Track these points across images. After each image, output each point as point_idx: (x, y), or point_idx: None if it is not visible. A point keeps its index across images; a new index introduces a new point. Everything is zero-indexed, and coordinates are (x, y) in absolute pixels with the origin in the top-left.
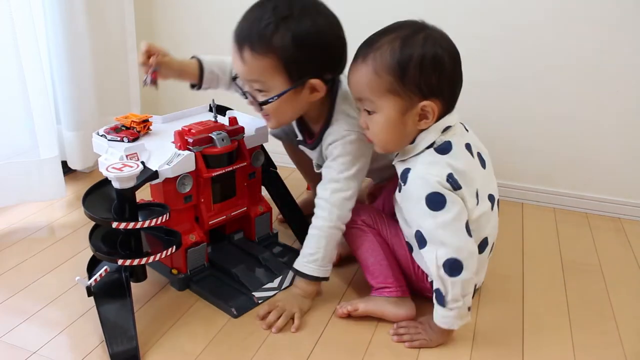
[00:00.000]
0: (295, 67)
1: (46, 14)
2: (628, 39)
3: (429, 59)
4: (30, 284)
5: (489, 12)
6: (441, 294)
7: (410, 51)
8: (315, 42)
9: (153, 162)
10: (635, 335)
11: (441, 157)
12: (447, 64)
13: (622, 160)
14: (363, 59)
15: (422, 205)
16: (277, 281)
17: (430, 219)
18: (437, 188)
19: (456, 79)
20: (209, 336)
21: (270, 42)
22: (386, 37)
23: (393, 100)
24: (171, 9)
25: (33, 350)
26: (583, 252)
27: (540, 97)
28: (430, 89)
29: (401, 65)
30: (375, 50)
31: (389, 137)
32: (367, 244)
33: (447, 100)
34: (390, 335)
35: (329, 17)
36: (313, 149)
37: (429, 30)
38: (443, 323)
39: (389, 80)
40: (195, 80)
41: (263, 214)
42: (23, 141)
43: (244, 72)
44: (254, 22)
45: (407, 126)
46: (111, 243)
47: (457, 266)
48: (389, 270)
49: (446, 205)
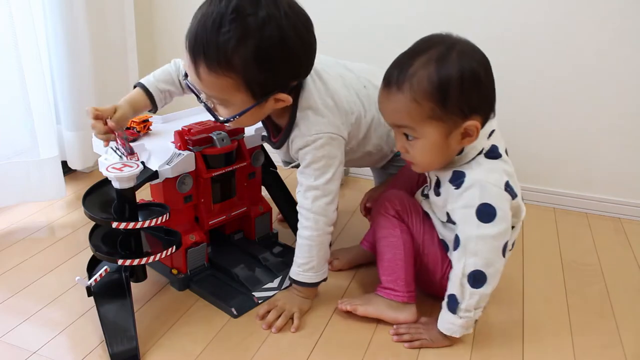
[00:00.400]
0: (259, 86)
1: (46, 13)
2: (628, 39)
3: (467, 79)
4: (30, 284)
5: (488, 12)
6: (456, 300)
7: (447, 73)
8: (281, 54)
9: (153, 162)
10: (635, 336)
11: (495, 162)
12: (484, 78)
13: (622, 160)
14: (398, 88)
15: (471, 212)
16: (277, 281)
17: (474, 227)
18: (492, 200)
19: (493, 89)
20: (209, 336)
21: (229, 61)
22: (418, 61)
23: (435, 126)
24: (171, 9)
25: (33, 350)
26: (583, 252)
27: (540, 97)
28: (471, 108)
29: (441, 90)
30: (411, 78)
31: (433, 159)
32: (390, 238)
33: (487, 112)
34: (391, 334)
35: (296, 16)
36: (278, 148)
37: (459, 46)
38: (447, 329)
39: (430, 106)
40: (150, 107)
41: (263, 214)
42: (23, 141)
43: (200, 86)
44: (211, 28)
45: (450, 147)
46: (111, 243)
47: (481, 279)
48: (402, 272)
49: (494, 220)
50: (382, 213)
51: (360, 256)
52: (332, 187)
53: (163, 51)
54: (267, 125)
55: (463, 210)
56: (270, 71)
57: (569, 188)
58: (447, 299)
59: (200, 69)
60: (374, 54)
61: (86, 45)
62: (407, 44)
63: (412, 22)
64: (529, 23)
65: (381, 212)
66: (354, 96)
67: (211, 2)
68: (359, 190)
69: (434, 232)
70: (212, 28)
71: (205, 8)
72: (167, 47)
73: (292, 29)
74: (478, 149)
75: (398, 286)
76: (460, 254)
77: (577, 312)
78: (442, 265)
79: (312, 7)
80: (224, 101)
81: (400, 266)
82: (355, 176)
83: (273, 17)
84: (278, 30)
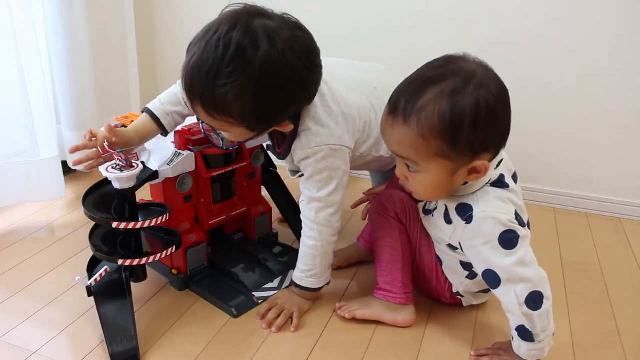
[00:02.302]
0: (259, 125)
1: (46, 13)
2: (629, 39)
3: (482, 117)
4: (30, 284)
5: (488, 15)
6: (527, 330)
7: (460, 111)
8: (281, 98)
9: (153, 162)
10: (635, 335)
11: (502, 192)
12: (500, 113)
13: (622, 160)
14: (404, 120)
15: (495, 245)
16: (277, 281)
17: (505, 258)
18: (509, 226)
19: (508, 122)
20: (209, 336)
21: (227, 110)
22: (430, 93)
23: (441, 164)
24: (171, 9)
25: (33, 350)
26: (583, 252)
27: (540, 97)
28: (483, 146)
29: (452, 129)
30: (419, 112)
31: (433, 194)
32: (388, 239)
33: (499, 148)
34: (472, 355)
35: (293, 53)
36: (283, 159)
37: (477, 78)
38: (531, 356)
39: (438, 145)
40: (160, 132)
41: (263, 214)
42: (23, 141)
43: (199, 116)
44: (207, 76)
45: (454, 183)
46: (111, 243)
47: (539, 298)
48: (399, 274)
49: (519, 241)
50: (381, 214)
51: (357, 254)
52: (336, 198)
53: (163, 51)
54: (273, 135)
55: (486, 247)
56: (270, 114)
57: (569, 188)
58: (516, 332)
59: (197, 108)
60: (376, 54)
61: (86, 45)
62: (407, 43)
63: (410, 21)
64: (529, 25)
65: (380, 213)
66: (364, 100)
67: (207, 43)
68: (359, 190)
69: (431, 240)
70: (207, 76)
71: (200, 49)
72: (167, 47)
73: (291, 69)
74: (485, 181)
75: (395, 288)
76: (506, 287)
77: (577, 312)
78: (436, 272)
79: (312, 7)
80: (224, 131)
81: (397, 268)
82: (355, 176)
83: (271, 62)
84: (277, 76)
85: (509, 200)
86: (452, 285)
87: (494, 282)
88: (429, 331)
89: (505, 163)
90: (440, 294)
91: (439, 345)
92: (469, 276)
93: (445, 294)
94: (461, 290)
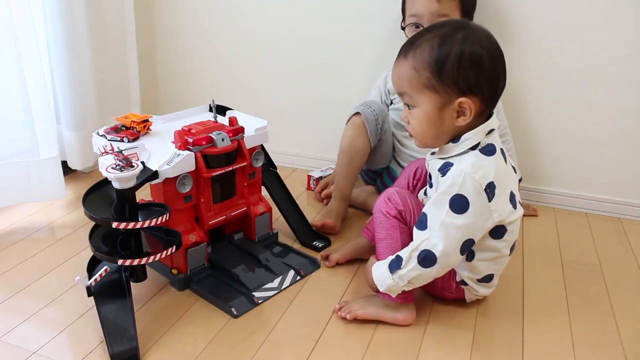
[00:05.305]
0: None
1: (46, 13)
2: (629, 39)
3: (466, 57)
4: (30, 284)
5: (488, 13)
6: (399, 265)
7: (447, 49)
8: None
9: (153, 162)
10: (635, 335)
11: (486, 158)
12: (486, 62)
13: (622, 160)
14: (404, 56)
15: (445, 198)
16: (277, 281)
17: (443, 213)
18: (469, 194)
19: (496, 77)
20: (209, 336)
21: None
22: (427, 35)
23: (430, 96)
24: (171, 9)
25: (33, 350)
26: (583, 252)
27: (540, 97)
28: (468, 85)
29: (438, 62)
30: (415, 48)
31: (427, 131)
32: (389, 240)
33: (486, 98)
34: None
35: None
36: None
37: (469, 29)
38: (376, 277)
39: (427, 76)
40: None
41: (263, 214)
42: (23, 141)
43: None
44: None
45: (444, 122)
46: (111, 243)
47: (430, 262)
48: None
49: (464, 214)
50: (383, 212)
51: (359, 248)
52: None
53: (163, 51)
54: None
55: (439, 194)
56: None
57: (569, 188)
58: (394, 257)
59: None
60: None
61: (86, 45)
62: None
63: None
64: (529, 22)
65: (382, 211)
66: None
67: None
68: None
69: None
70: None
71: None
72: (167, 47)
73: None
74: (474, 142)
75: None
76: (423, 232)
77: (577, 312)
78: None
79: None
80: None
81: None
82: None
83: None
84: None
85: (492, 168)
86: (456, 273)
87: (421, 224)
88: (429, 330)
89: (496, 137)
90: (445, 286)
91: (439, 344)
92: (468, 257)
93: (450, 284)
94: (464, 276)
